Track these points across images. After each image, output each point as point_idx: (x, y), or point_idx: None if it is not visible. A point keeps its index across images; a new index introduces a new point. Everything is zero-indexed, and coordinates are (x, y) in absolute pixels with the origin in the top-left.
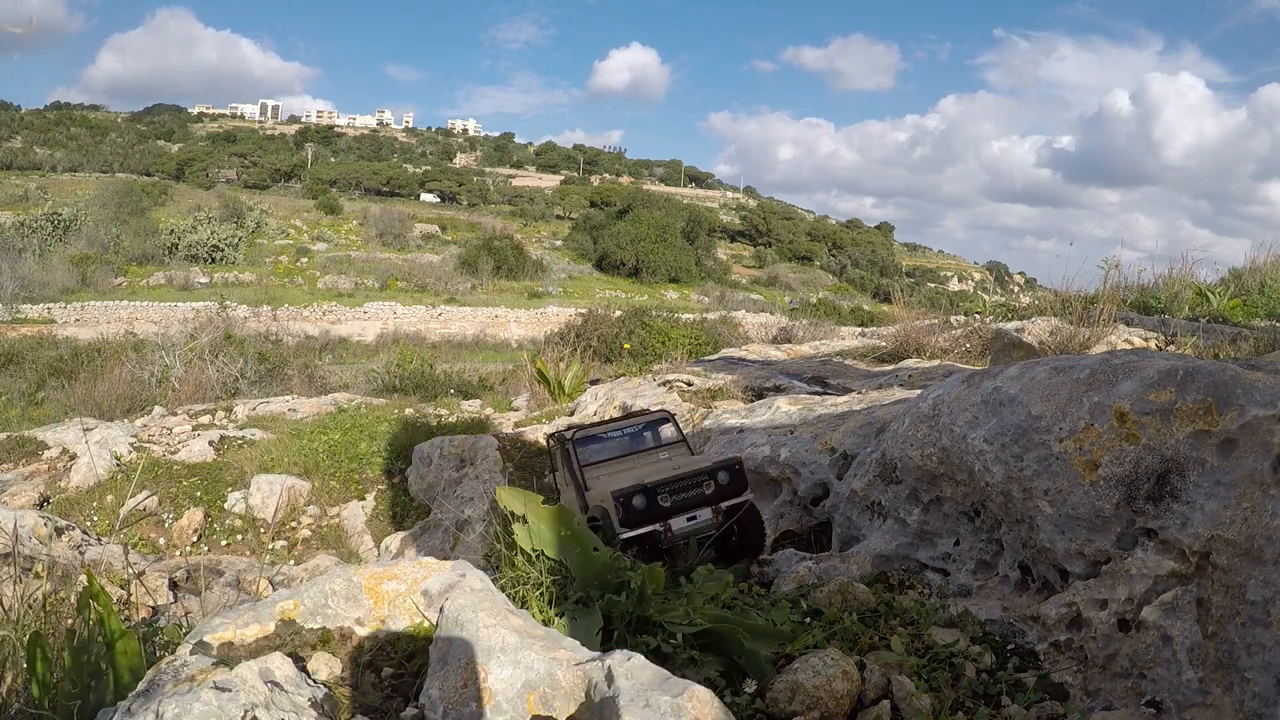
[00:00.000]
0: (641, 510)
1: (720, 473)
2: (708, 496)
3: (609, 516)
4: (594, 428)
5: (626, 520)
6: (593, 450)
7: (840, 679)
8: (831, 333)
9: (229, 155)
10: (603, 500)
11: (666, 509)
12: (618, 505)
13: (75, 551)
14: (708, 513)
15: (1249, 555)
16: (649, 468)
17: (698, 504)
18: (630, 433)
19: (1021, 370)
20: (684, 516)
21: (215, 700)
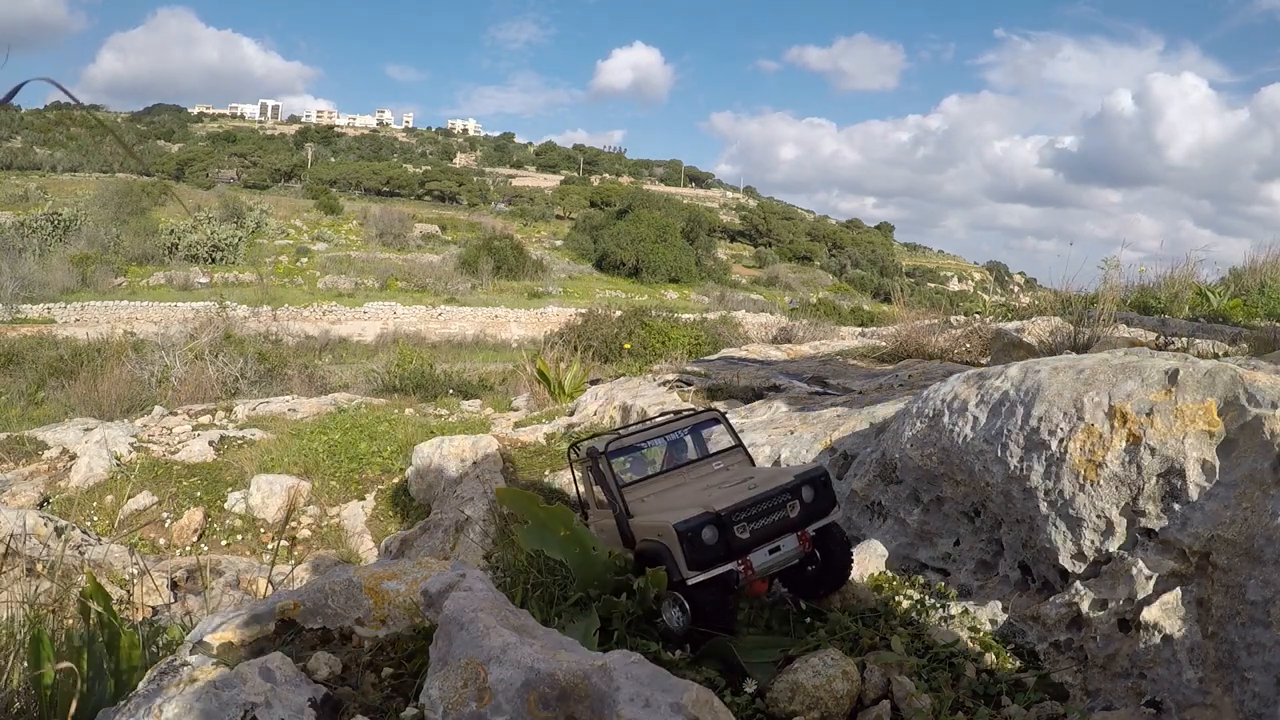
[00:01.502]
0: (714, 546)
1: (805, 488)
2: (793, 520)
3: (669, 554)
4: (630, 436)
5: (696, 560)
6: (631, 464)
7: (840, 679)
8: (831, 333)
9: (229, 155)
10: (658, 533)
11: (745, 541)
12: (683, 542)
13: (75, 551)
14: (793, 541)
15: (1249, 555)
16: (708, 484)
17: (781, 530)
18: (674, 439)
19: (1021, 370)
20: (765, 549)
21: (215, 700)
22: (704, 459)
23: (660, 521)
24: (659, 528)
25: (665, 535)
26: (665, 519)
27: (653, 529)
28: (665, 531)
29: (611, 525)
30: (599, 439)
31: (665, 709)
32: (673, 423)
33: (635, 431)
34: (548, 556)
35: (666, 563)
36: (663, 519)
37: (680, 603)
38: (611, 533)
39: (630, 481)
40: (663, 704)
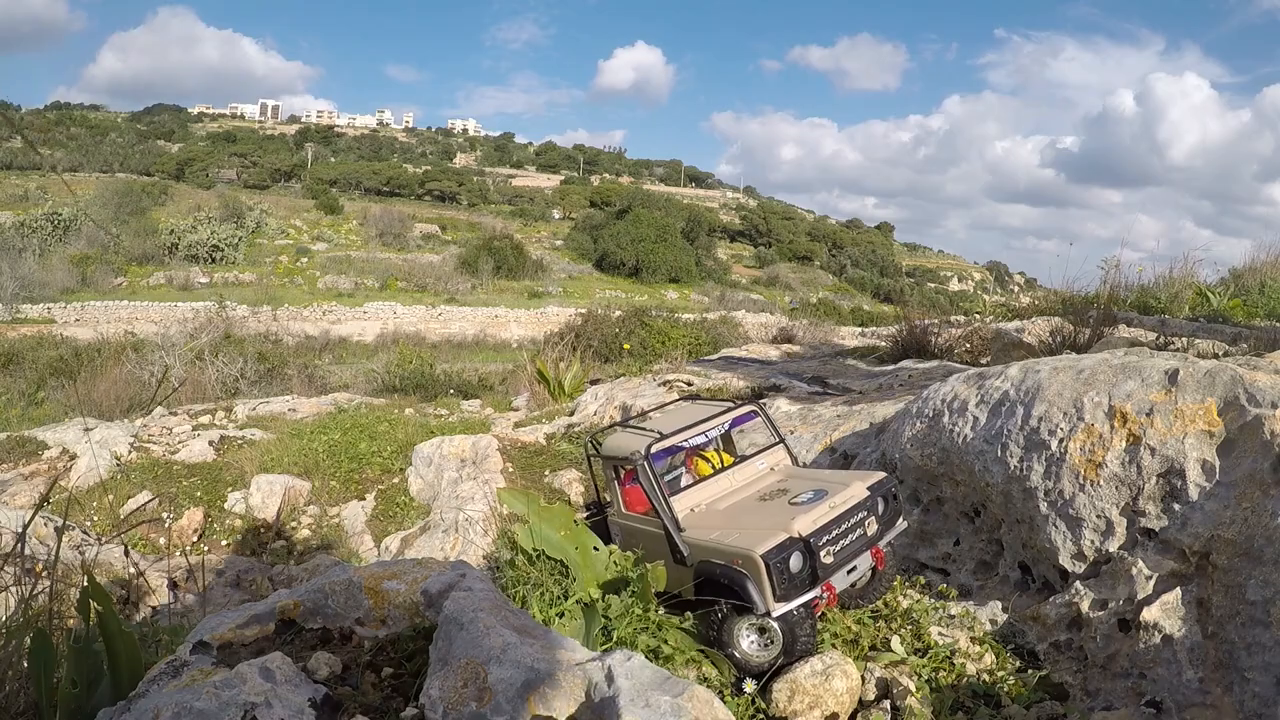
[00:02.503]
0: (800, 574)
1: (879, 501)
2: (870, 537)
3: (747, 583)
4: (671, 434)
5: (785, 592)
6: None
7: (840, 679)
8: (831, 332)
9: (229, 155)
10: (733, 559)
11: (829, 567)
12: (772, 573)
13: (75, 551)
14: (867, 558)
15: (1249, 555)
16: (765, 493)
17: (859, 550)
18: (716, 437)
19: (1021, 370)
20: (844, 570)
21: (215, 700)
22: (748, 459)
23: (737, 547)
24: (734, 553)
25: (746, 564)
26: (743, 544)
27: (723, 553)
28: (746, 560)
29: (651, 534)
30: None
31: (666, 709)
32: (713, 417)
33: (676, 431)
34: (548, 556)
35: (741, 591)
36: (739, 544)
37: (762, 630)
38: (650, 542)
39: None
40: (663, 704)
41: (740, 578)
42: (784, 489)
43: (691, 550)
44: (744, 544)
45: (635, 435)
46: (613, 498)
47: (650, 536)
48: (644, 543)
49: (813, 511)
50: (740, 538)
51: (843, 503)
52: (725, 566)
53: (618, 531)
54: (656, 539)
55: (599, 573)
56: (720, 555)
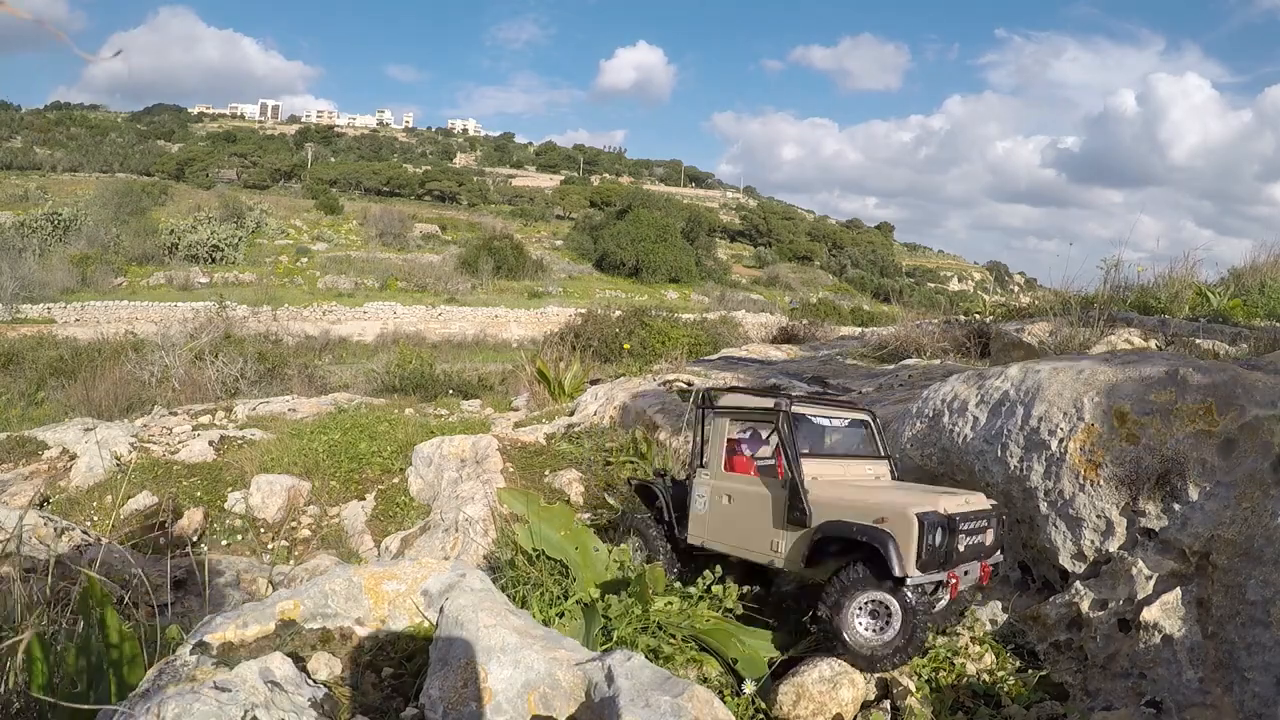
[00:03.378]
0: (941, 548)
1: (1001, 517)
2: (987, 548)
3: (885, 543)
4: (807, 400)
5: (927, 559)
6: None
7: (848, 688)
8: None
9: (229, 155)
10: (875, 516)
11: (961, 554)
12: (924, 533)
13: (75, 551)
14: (977, 568)
15: (1249, 555)
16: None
17: (977, 554)
18: (842, 426)
19: (1021, 370)
20: (964, 568)
21: (215, 700)
22: (862, 456)
23: (887, 504)
24: (881, 511)
25: (897, 522)
26: (893, 503)
27: (865, 510)
28: (898, 518)
29: (753, 495)
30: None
31: (666, 709)
32: (841, 409)
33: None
34: (548, 556)
35: (882, 550)
36: (888, 502)
37: (875, 613)
38: (749, 504)
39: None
40: (663, 704)
41: (883, 536)
42: (903, 486)
43: (819, 509)
44: (892, 505)
45: (760, 397)
46: (712, 457)
47: (751, 498)
48: (741, 505)
49: (954, 498)
50: (883, 502)
51: (975, 503)
52: (864, 525)
53: (704, 494)
54: (759, 500)
55: (599, 573)
56: (860, 513)
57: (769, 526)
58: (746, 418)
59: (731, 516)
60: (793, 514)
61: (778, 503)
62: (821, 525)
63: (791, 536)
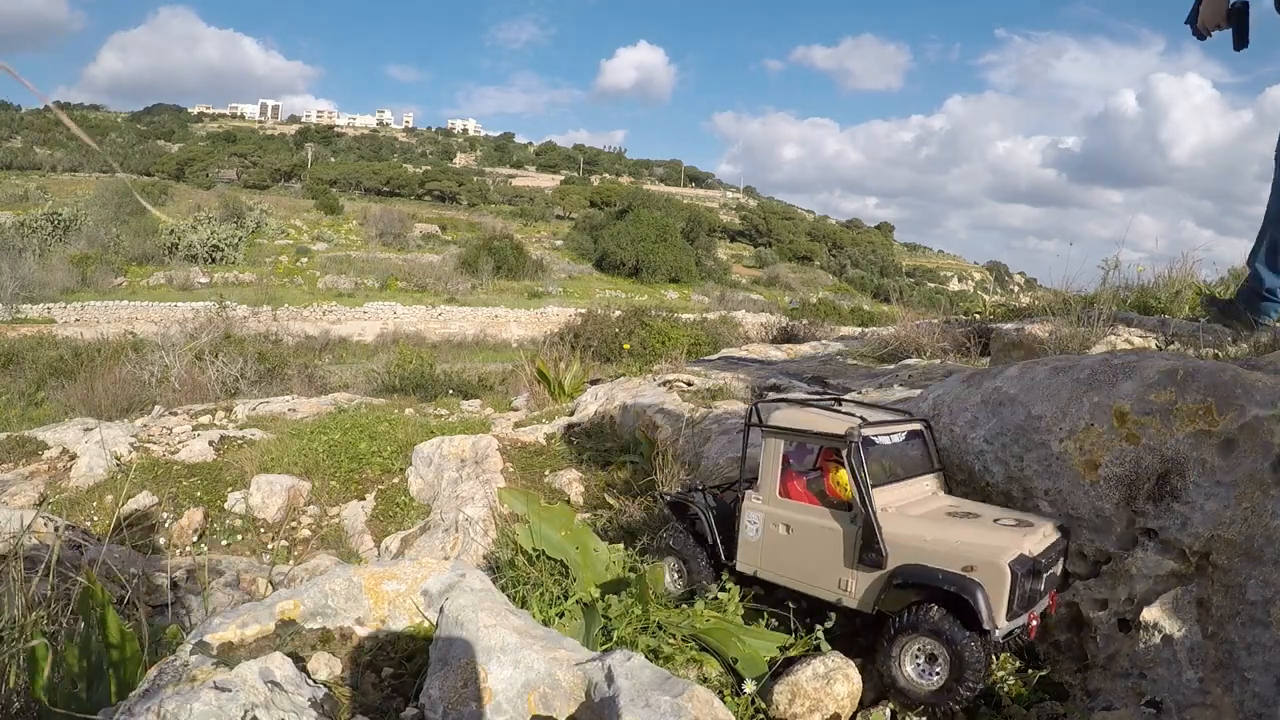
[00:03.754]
0: (1026, 597)
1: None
2: (1055, 580)
3: (974, 593)
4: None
5: (1015, 609)
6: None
7: (843, 683)
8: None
9: (229, 155)
10: (964, 562)
11: (1041, 594)
12: (1015, 583)
13: (75, 552)
14: (1046, 600)
15: (1249, 555)
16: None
17: (1050, 588)
18: (901, 442)
19: (1021, 370)
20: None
21: (215, 700)
22: (919, 474)
23: (975, 551)
24: (968, 558)
25: (987, 571)
26: (981, 549)
27: (950, 556)
28: (988, 567)
29: (814, 528)
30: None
31: (666, 709)
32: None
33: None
34: (548, 556)
35: (971, 600)
36: (975, 548)
37: (932, 657)
38: (810, 536)
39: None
40: (663, 704)
41: (972, 587)
42: (970, 512)
43: (896, 549)
44: (981, 550)
45: (825, 415)
46: (765, 480)
47: (815, 532)
48: (802, 537)
49: (1033, 534)
50: (969, 544)
51: (1050, 535)
52: (950, 573)
53: (756, 520)
54: (824, 535)
55: (599, 573)
56: (945, 558)
57: (837, 564)
58: (806, 441)
59: (791, 548)
60: (867, 555)
61: (847, 539)
62: (900, 569)
63: (864, 577)
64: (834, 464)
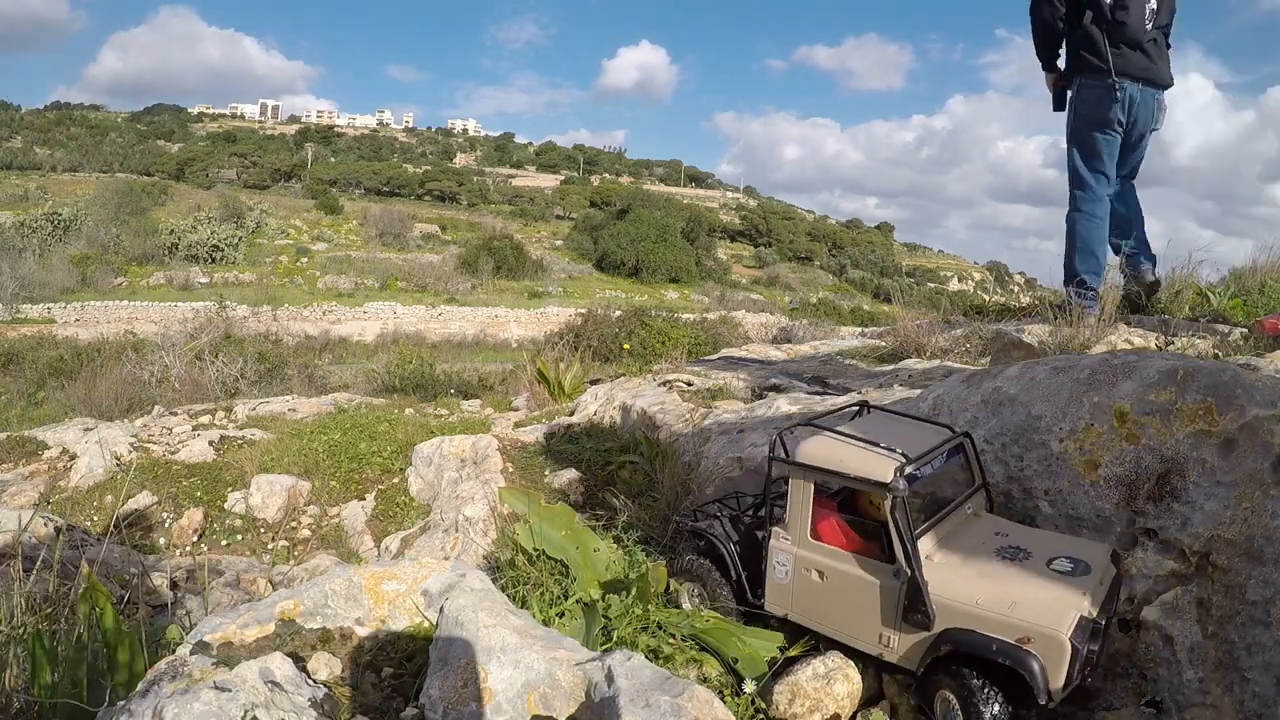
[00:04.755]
0: (1084, 661)
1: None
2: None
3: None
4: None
5: (1075, 676)
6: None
7: (842, 683)
8: (831, 333)
9: (229, 155)
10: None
11: (1097, 651)
12: (1075, 659)
13: (75, 551)
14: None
15: (1249, 555)
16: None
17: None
18: (943, 464)
19: (1021, 370)
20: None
21: (215, 700)
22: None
23: (1029, 621)
24: (1024, 628)
25: (1044, 644)
26: (1036, 618)
27: (1002, 624)
28: (1047, 640)
29: (852, 579)
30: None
31: (666, 709)
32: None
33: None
34: (548, 556)
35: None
36: (1030, 617)
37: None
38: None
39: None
40: (663, 704)
41: (1028, 661)
42: (1019, 546)
43: (943, 610)
44: (1038, 618)
45: (862, 451)
46: (794, 522)
47: (851, 583)
48: (838, 586)
49: (1087, 586)
50: (1024, 607)
51: (1107, 576)
52: (1004, 644)
53: (785, 562)
54: (863, 587)
55: (599, 573)
56: (997, 626)
57: (877, 620)
58: (840, 483)
59: (825, 596)
60: (912, 616)
61: (888, 595)
62: (948, 633)
63: (908, 638)
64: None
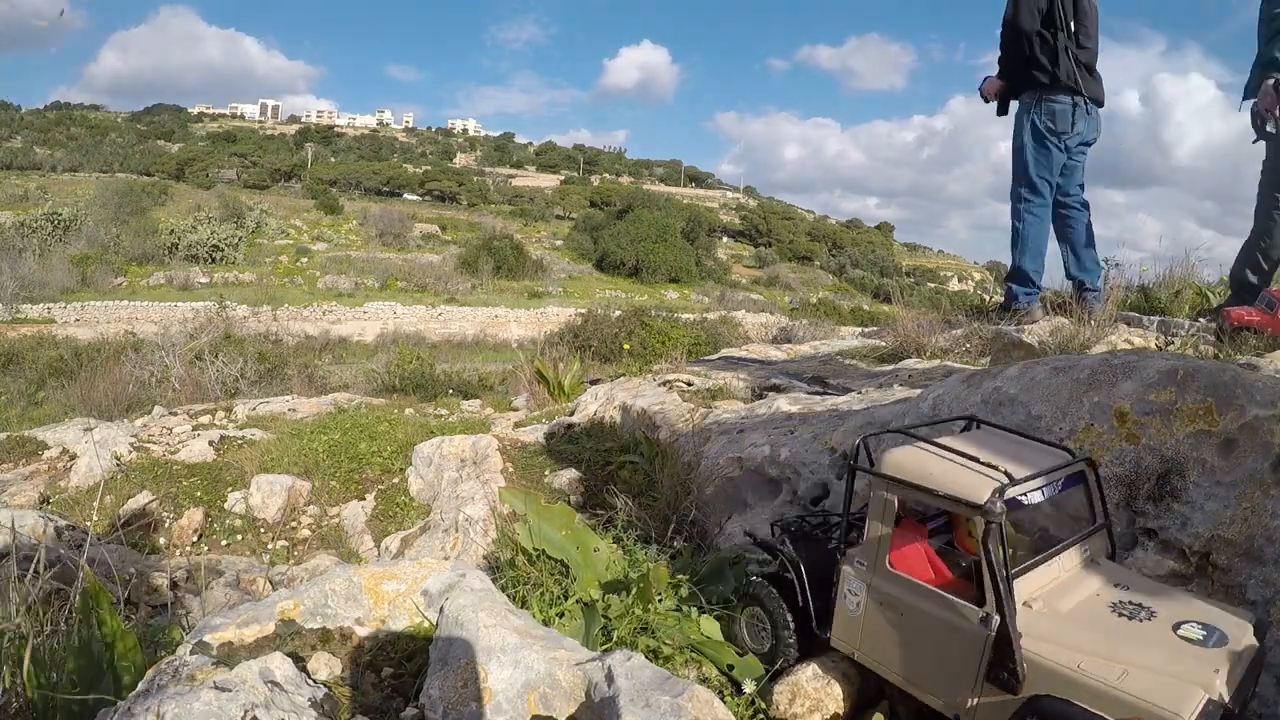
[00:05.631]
0: None
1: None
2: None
3: None
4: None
5: None
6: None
7: (841, 681)
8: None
9: (229, 155)
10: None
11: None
12: None
13: (75, 551)
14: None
15: (1249, 555)
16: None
17: None
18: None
19: (1021, 370)
20: None
21: (215, 700)
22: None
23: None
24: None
25: None
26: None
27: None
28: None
29: (932, 620)
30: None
31: (666, 709)
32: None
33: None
34: (548, 556)
35: None
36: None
37: None
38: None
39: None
40: (663, 704)
41: None
42: (1141, 603)
43: (1037, 672)
44: (1154, 695)
45: (959, 465)
46: (870, 545)
47: (931, 625)
48: (915, 626)
49: (1221, 662)
50: (1137, 679)
51: (1247, 656)
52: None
53: (858, 592)
54: (944, 632)
55: (599, 573)
56: (1100, 699)
57: (956, 674)
58: (929, 501)
59: (899, 638)
60: (997, 672)
61: (972, 644)
62: (1038, 702)
63: (990, 700)
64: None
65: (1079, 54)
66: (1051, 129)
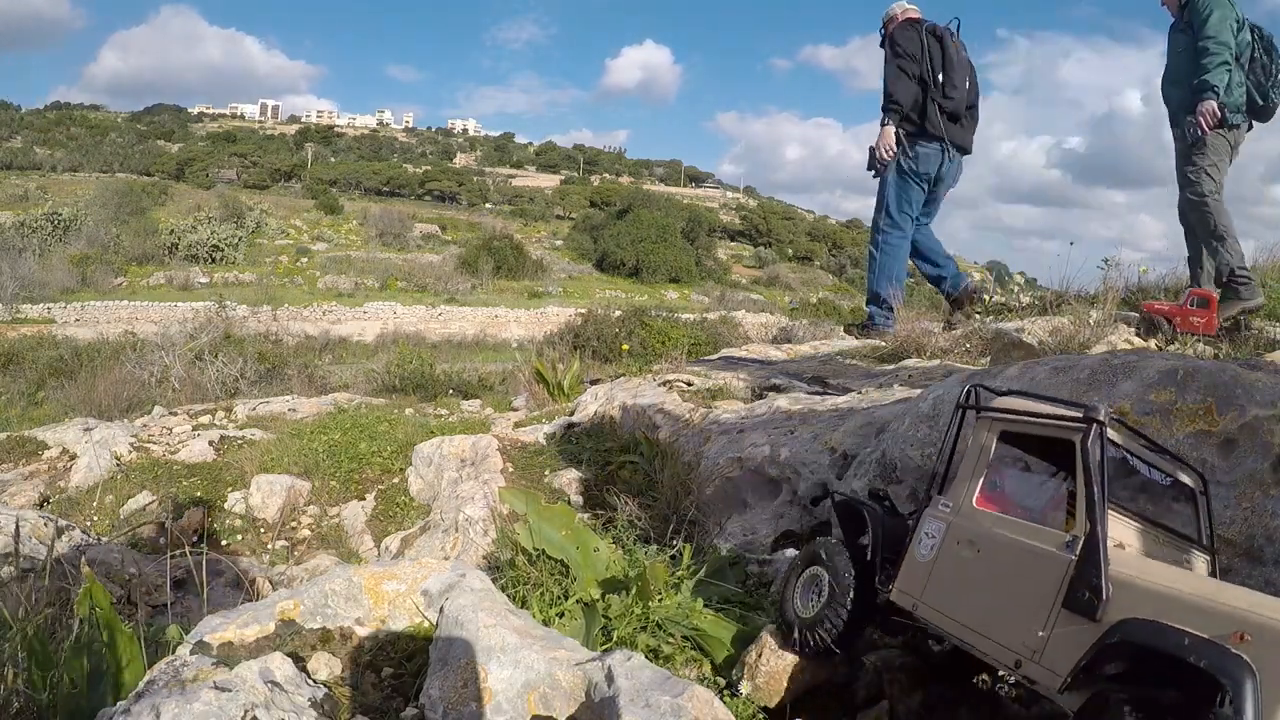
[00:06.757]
0: None
1: None
2: None
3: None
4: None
5: None
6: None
7: (841, 680)
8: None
9: (229, 155)
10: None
11: None
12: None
13: (75, 551)
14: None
15: (1249, 555)
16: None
17: None
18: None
19: (1021, 370)
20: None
21: (215, 700)
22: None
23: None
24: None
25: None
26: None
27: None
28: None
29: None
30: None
31: (666, 709)
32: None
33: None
34: (548, 556)
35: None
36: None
37: None
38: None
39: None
40: (663, 704)
41: (1239, 669)
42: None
43: (1125, 593)
44: (1264, 609)
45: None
46: (960, 481)
47: (1011, 552)
48: (992, 559)
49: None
50: (1236, 593)
51: None
52: (1205, 641)
53: (935, 532)
54: (1024, 557)
55: (599, 573)
56: (1201, 614)
57: (1030, 606)
58: (1035, 433)
59: (972, 576)
60: (1078, 591)
61: (1053, 571)
62: (1123, 624)
63: (1065, 631)
64: None
65: (944, 104)
66: (914, 170)
